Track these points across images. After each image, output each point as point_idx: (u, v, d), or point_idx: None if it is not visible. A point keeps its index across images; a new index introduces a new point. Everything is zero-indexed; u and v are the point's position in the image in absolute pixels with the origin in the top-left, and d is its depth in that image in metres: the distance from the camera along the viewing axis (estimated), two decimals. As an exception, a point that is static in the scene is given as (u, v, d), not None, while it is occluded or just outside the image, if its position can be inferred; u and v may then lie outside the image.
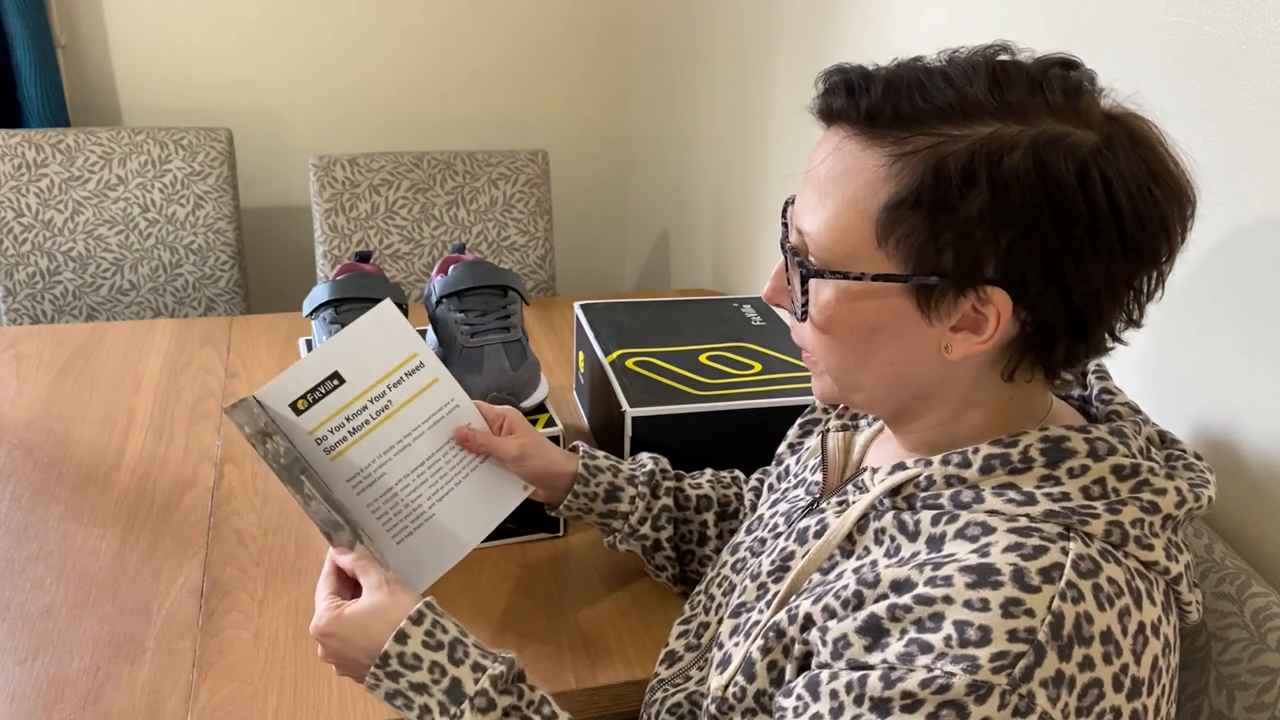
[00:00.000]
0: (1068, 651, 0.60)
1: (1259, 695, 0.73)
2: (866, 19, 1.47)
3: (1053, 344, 0.66)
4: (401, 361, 0.97)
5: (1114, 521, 0.65)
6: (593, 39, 2.42)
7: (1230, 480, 0.90)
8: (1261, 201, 0.86)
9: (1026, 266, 0.62)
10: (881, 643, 0.64)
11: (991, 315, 0.64)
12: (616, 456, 1.08)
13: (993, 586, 0.61)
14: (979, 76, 0.63)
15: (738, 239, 1.97)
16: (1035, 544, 0.63)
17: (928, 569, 0.64)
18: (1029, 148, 0.61)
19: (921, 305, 0.65)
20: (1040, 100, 0.63)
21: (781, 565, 0.78)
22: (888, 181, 0.64)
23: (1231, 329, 0.90)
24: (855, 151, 0.65)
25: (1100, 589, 0.62)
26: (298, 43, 2.26)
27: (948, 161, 0.62)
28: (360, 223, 2.01)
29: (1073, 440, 0.67)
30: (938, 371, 0.69)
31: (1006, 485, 0.67)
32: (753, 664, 0.73)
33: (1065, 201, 0.61)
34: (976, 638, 0.60)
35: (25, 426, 1.38)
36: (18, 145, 1.91)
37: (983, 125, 0.62)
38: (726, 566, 0.88)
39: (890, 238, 0.64)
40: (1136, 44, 0.98)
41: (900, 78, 0.65)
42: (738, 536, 0.90)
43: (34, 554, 1.14)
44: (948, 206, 0.62)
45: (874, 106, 0.64)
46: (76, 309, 1.99)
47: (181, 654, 1.01)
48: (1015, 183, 0.61)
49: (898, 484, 0.71)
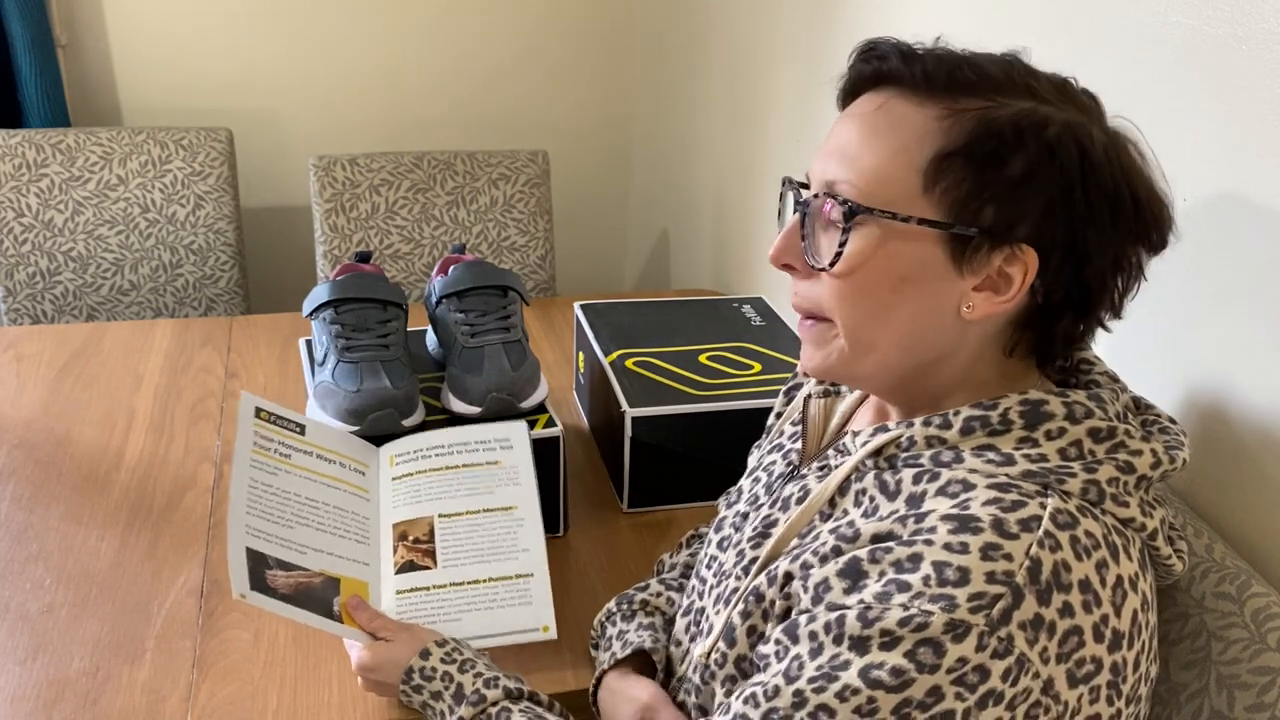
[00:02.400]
0: (1046, 596, 0.61)
1: (1259, 695, 0.73)
2: (865, 22, 1.47)
3: (1057, 319, 0.69)
4: (353, 458, 1.08)
5: (1090, 480, 0.67)
6: (593, 39, 2.42)
7: (1230, 480, 0.90)
8: (1261, 201, 0.86)
9: (1057, 231, 0.66)
10: (860, 584, 0.65)
11: (1017, 275, 0.67)
12: None
13: (973, 532, 0.63)
14: (1013, 66, 0.69)
15: (738, 239, 1.97)
16: (1014, 498, 0.65)
17: (910, 521, 0.66)
18: (1064, 125, 0.66)
19: (955, 256, 0.67)
20: (1066, 96, 0.69)
21: (763, 532, 0.79)
22: (939, 135, 0.67)
23: (1231, 329, 0.90)
24: (905, 108, 0.68)
25: (1078, 540, 0.64)
26: (298, 43, 2.26)
27: (999, 122, 0.66)
28: (360, 223, 2.01)
29: (1051, 404, 0.69)
30: (949, 336, 0.70)
31: (986, 446, 0.69)
32: (733, 629, 0.74)
33: (1098, 175, 0.66)
34: (955, 578, 0.61)
35: (25, 426, 1.38)
36: (18, 145, 1.91)
37: (1023, 101, 0.67)
38: (713, 545, 0.88)
39: (937, 187, 0.67)
40: (1136, 44, 0.98)
41: (949, 52, 0.70)
42: (721, 512, 0.90)
43: (34, 554, 1.14)
44: (997, 162, 0.65)
45: (930, 71, 0.68)
46: (77, 309, 1.99)
47: (181, 654, 1.02)
48: (1059, 149, 0.65)
49: (880, 445, 0.72)
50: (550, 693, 0.99)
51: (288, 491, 1.00)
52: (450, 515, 1.03)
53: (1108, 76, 1.02)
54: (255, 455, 1.00)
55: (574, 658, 1.04)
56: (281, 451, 1.03)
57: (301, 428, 1.06)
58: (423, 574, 0.99)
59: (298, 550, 0.96)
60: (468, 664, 0.88)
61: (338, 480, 1.04)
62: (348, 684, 0.99)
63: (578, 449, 1.39)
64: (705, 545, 0.91)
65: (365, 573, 0.99)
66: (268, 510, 0.97)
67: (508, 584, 0.99)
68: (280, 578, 0.93)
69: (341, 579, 0.97)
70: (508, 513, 1.03)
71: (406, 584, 0.99)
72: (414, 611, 0.97)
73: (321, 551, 0.97)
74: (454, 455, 1.07)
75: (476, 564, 1.00)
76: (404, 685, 0.88)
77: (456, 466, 1.06)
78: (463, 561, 1.00)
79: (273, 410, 1.05)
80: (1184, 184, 0.93)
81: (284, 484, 1.00)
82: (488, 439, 1.08)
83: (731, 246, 2.00)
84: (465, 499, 1.04)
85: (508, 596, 0.99)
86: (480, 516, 1.03)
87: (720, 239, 2.06)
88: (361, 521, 1.03)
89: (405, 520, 1.03)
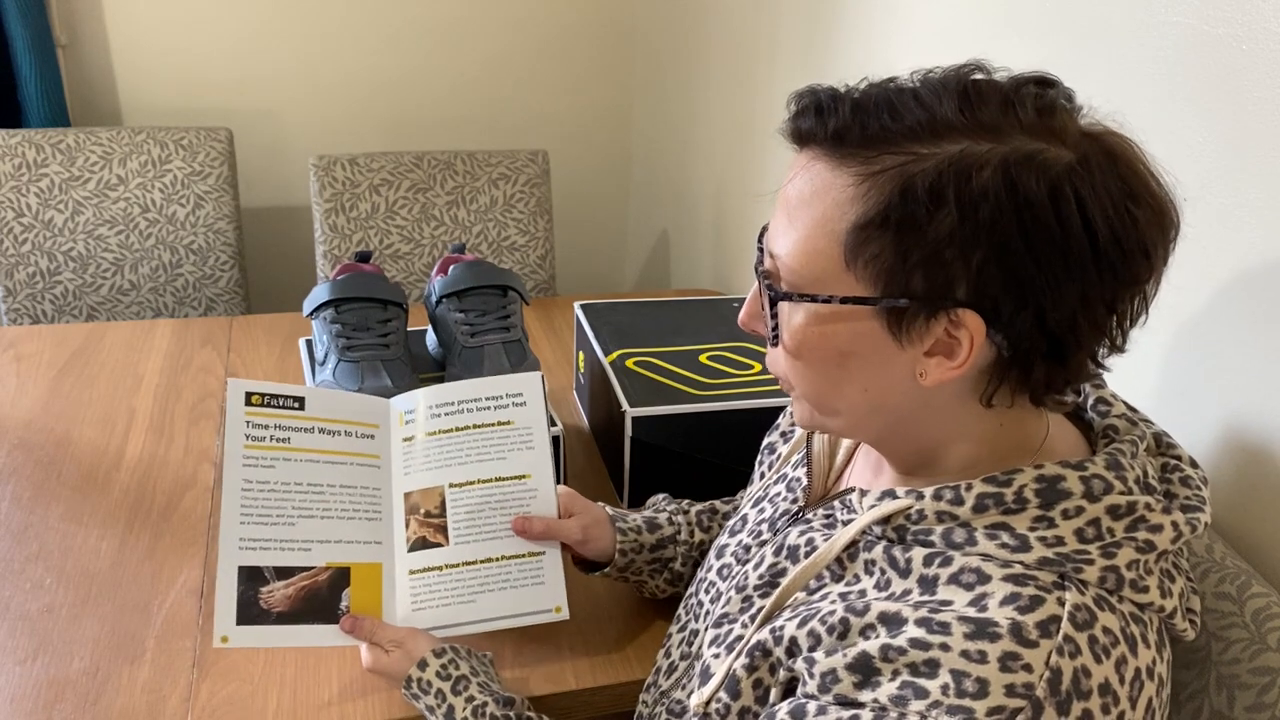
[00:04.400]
0: (1066, 706, 0.59)
1: (1259, 695, 0.73)
2: (866, 21, 1.47)
3: (1030, 368, 0.64)
4: (360, 421, 1.02)
5: (1109, 567, 0.64)
6: (593, 39, 2.42)
7: (1231, 481, 0.90)
8: (1261, 201, 0.86)
9: (998, 288, 0.61)
10: (872, 681, 0.63)
11: (965, 339, 0.62)
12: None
13: (990, 639, 0.61)
14: (949, 95, 0.62)
15: (738, 239, 1.97)
16: (1031, 594, 0.62)
17: (923, 610, 0.64)
18: (999, 166, 0.59)
19: (893, 328, 0.64)
20: (1013, 118, 0.62)
21: (770, 581, 0.77)
22: (855, 202, 0.62)
23: (1231, 329, 0.90)
24: (823, 172, 0.64)
25: (1096, 640, 0.61)
26: (298, 43, 2.26)
27: (915, 180, 0.60)
28: (360, 223, 2.01)
29: (1068, 480, 0.66)
30: (914, 398, 0.67)
31: (1000, 526, 0.66)
32: (737, 681, 0.73)
33: (1036, 220, 0.59)
34: (974, 689, 0.59)
35: (25, 426, 1.38)
36: (18, 145, 1.91)
37: (952, 144, 0.61)
38: (713, 571, 0.87)
39: (859, 259, 0.63)
40: (1136, 44, 0.98)
41: (869, 98, 0.64)
42: (723, 538, 0.89)
43: (34, 554, 1.14)
44: (915, 226, 0.60)
45: (842, 126, 0.63)
46: (76, 309, 1.99)
47: (181, 654, 1.01)
48: (985, 201, 0.59)
49: (887, 514, 0.70)
50: (550, 692, 0.99)
51: (288, 483, 0.98)
52: (460, 485, 1.00)
53: (1107, 76, 1.02)
54: (249, 451, 0.97)
55: (574, 658, 1.04)
56: (278, 437, 0.99)
57: (300, 401, 1.01)
58: (436, 552, 0.98)
59: (301, 549, 0.95)
60: (461, 683, 0.89)
61: (344, 454, 1.01)
62: (348, 684, 0.99)
63: (578, 449, 1.39)
64: (705, 564, 0.90)
65: (378, 553, 0.98)
66: (265, 513, 0.95)
67: (520, 563, 0.98)
68: (278, 592, 0.93)
69: (352, 568, 0.96)
70: (520, 482, 1.00)
71: (420, 563, 0.98)
72: (428, 593, 0.96)
73: (329, 542, 0.96)
74: (463, 414, 1.03)
75: (489, 540, 0.98)
76: (405, 692, 0.91)
77: (466, 427, 1.02)
78: (474, 538, 0.98)
79: (265, 390, 1.00)
80: (1183, 184, 0.93)
81: (284, 475, 0.98)
82: (499, 394, 1.04)
83: (731, 246, 2.00)
84: (476, 466, 1.01)
85: (520, 576, 0.98)
86: (492, 486, 1.00)
87: (720, 239, 2.06)
88: (372, 495, 1.00)
89: (417, 490, 1.00)
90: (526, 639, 1.05)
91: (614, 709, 1.02)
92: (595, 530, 1.01)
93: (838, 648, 0.66)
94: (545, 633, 1.06)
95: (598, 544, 1.01)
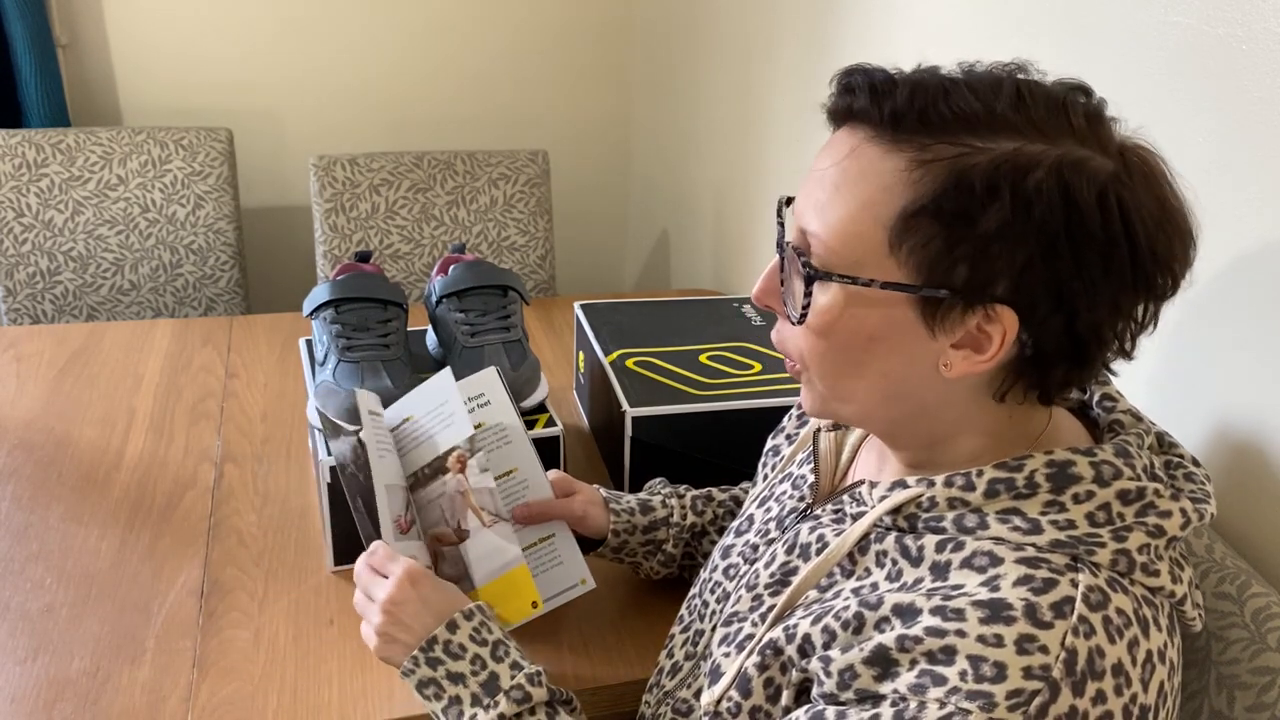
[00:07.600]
0: (1081, 687, 0.60)
1: (1259, 695, 0.73)
2: (869, 20, 1.47)
3: (1050, 369, 0.65)
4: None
5: (1120, 550, 0.64)
6: (593, 39, 2.42)
7: (1231, 480, 0.90)
8: (1261, 201, 0.86)
9: (1038, 288, 0.61)
10: (891, 672, 0.63)
11: (996, 334, 0.63)
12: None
13: (1006, 622, 0.61)
14: (1003, 91, 0.63)
15: (738, 239, 1.97)
16: (1045, 576, 0.63)
17: (936, 598, 0.64)
18: (1052, 167, 0.60)
19: (927, 318, 0.64)
20: (1064, 121, 0.62)
21: (781, 579, 0.77)
22: (906, 187, 0.62)
23: (1231, 328, 0.90)
24: (875, 155, 0.64)
25: (1110, 621, 0.62)
26: (298, 43, 2.26)
27: (971, 173, 0.60)
28: (360, 223, 2.01)
29: (1079, 465, 0.66)
30: (932, 389, 0.67)
31: (1011, 510, 0.66)
32: (749, 680, 0.73)
33: (1084, 225, 0.60)
34: (992, 674, 0.60)
35: (25, 426, 1.38)
36: (18, 145, 1.91)
37: (1007, 140, 0.61)
38: (718, 571, 0.87)
39: (904, 245, 0.63)
40: (1137, 44, 0.98)
41: (926, 83, 0.63)
42: (728, 539, 0.89)
43: (34, 554, 1.14)
44: (967, 218, 0.61)
45: (899, 110, 0.63)
46: (76, 309, 1.99)
47: (181, 654, 1.02)
48: (1038, 201, 0.60)
49: (898, 504, 0.70)
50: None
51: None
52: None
53: (1108, 77, 1.02)
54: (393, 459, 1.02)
55: (574, 658, 1.04)
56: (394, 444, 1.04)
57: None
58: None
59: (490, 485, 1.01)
60: (500, 648, 0.84)
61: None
62: (348, 684, 0.99)
63: (578, 449, 1.39)
64: (709, 565, 0.90)
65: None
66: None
67: (535, 550, 1.01)
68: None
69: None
70: (510, 478, 1.04)
71: None
72: None
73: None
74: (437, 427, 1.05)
75: (515, 533, 1.02)
76: (419, 653, 0.84)
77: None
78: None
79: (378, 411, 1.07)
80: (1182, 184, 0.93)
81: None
82: (464, 399, 1.05)
83: (731, 246, 2.00)
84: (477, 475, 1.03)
85: (540, 563, 1.01)
86: (499, 483, 1.03)
87: (720, 239, 2.06)
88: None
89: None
90: (526, 639, 1.05)
91: (615, 709, 1.02)
92: (592, 509, 1.05)
93: (854, 643, 0.66)
94: (545, 633, 1.06)
95: (594, 522, 1.05)
